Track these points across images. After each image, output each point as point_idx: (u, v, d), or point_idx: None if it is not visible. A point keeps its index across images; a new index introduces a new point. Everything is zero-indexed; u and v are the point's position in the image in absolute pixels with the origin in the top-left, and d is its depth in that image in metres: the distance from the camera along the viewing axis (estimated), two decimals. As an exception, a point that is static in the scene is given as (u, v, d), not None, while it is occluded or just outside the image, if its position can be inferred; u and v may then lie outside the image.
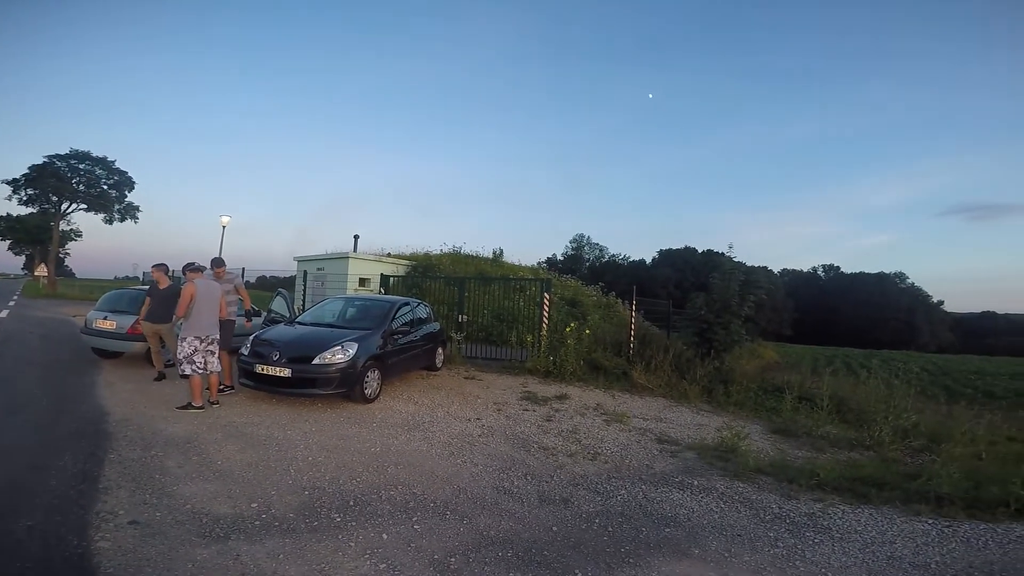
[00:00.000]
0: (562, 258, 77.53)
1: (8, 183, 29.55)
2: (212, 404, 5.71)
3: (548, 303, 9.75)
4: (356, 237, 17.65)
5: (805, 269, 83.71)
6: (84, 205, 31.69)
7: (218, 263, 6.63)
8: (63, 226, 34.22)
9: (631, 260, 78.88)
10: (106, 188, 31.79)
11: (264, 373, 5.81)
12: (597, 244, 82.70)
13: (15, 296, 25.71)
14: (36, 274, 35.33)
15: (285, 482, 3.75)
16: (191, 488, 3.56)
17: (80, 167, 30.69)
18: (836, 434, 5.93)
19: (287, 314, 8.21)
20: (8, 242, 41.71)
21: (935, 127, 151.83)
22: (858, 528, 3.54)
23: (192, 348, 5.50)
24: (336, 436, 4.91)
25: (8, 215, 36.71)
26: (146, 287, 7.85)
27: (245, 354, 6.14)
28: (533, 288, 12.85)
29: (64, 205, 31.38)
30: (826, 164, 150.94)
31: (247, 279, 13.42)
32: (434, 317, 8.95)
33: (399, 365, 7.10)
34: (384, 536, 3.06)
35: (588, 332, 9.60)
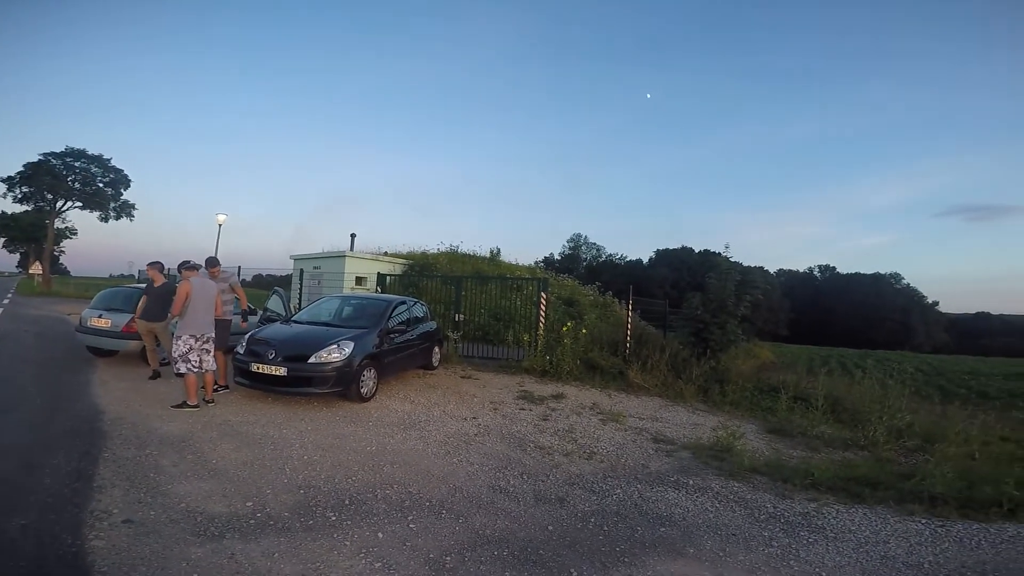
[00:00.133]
0: (559, 257, 77.67)
1: (3, 180, 29.36)
2: (207, 403, 5.70)
3: (545, 302, 9.75)
4: (353, 236, 17.58)
5: (801, 269, 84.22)
6: (79, 203, 31.49)
7: (212, 263, 6.61)
8: (58, 224, 34.03)
9: (628, 260, 79.00)
10: (101, 186, 31.58)
11: (260, 372, 5.80)
12: (594, 244, 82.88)
13: (9, 294, 25.58)
14: (31, 272, 35.14)
15: (280, 481, 3.75)
16: (186, 487, 3.55)
17: (75, 165, 30.51)
18: (831, 434, 5.96)
19: (283, 313, 8.20)
20: (3, 240, 41.69)
21: (933, 128, 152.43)
22: (852, 528, 3.55)
23: (187, 346, 5.48)
24: (332, 435, 4.90)
25: (3, 213, 36.74)
26: (142, 285, 7.81)
27: (241, 353, 6.13)
28: (530, 287, 12.86)
29: (59, 203, 31.16)
30: (823, 165, 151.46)
31: (243, 278, 13.37)
32: (431, 316, 8.94)
33: (395, 364, 7.09)
34: (379, 535, 3.05)
35: (585, 331, 9.61)
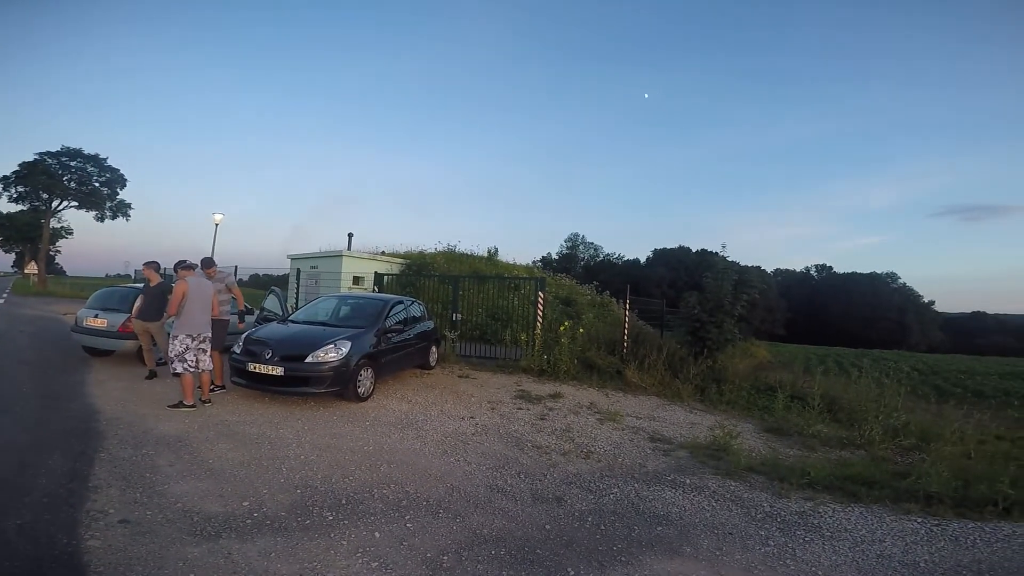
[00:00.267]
0: (557, 257, 77.56)
1: (-1, 180, 29.20)
2: (204, 403, 5.68)
3: (543, 302, 9.74)
4: (350, 235, 17.55)
5: (798, 269, 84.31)
6: (75, 202, 31.30)
7: (208, 263, 6.58)
8: (54, 223, 33.86)
9: (625, 259, 79.14)
10: (97, 185, 31.40)
11: (257, 371, 5.78)
12: (592, 243, 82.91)
13: (4, 294, 25.48)
14: (26, 272, 34.95)
15: (277, 480, 3.74)
16: (182, 487, 3.54)
17: (71, 164, 30.32)
18: (827, 433, 5.98)
19: (280, 312, 8.18)
20: (-1, 239, 41.29)
21: (930, 128, 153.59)
22: (848, 527, 3.56)
23: (183, 346, 5.46)
24: (329, 435, 4.90)
25: (-1, 212, 36.25)
26: (140, 285, 7.78)
27: (238, 352, 6.11)
28: (528, 287, 12.88)
29: (55, 202, 30.98)
30: (820, 165, 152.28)
31: (240, 277, 13.33)
32: (428, 315, 8.93)
33: (393, 364, 7.08)
34: (376, 534, 3.05)
35: (582, 331, 9.61)
